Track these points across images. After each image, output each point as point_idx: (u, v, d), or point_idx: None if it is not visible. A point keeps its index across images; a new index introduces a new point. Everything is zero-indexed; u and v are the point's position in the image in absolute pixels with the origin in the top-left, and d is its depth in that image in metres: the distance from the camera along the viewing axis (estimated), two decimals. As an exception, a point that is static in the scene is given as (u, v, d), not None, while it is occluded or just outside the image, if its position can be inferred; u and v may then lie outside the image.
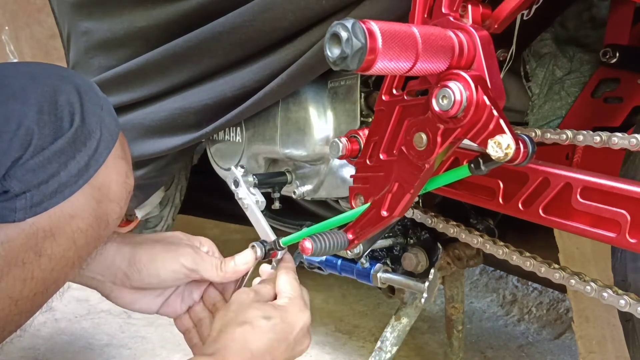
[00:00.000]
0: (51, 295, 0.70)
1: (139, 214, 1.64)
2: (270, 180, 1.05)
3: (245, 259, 0.85)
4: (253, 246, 0.87)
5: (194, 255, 0.83)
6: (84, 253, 0.69)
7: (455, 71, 0.60)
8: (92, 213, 0.67)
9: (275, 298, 0.80)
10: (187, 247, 0.84)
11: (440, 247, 0.98)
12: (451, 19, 0.63)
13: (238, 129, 1.14)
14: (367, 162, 0.79)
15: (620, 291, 0.71)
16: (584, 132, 0.72)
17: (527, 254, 0.80)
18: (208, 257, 0.85)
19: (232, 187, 1.06)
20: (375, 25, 0.53)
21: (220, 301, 0.89)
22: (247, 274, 0.87)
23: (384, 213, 0.72)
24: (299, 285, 0.83)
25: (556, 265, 0.77)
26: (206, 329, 0.87)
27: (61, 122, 0.63)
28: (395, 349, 1.03)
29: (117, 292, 0.84)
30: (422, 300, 0.96)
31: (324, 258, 1.08)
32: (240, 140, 1.13)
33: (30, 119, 0.60)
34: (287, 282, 0.82)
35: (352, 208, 0.79)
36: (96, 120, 0.66)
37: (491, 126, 0.59)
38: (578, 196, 0.68)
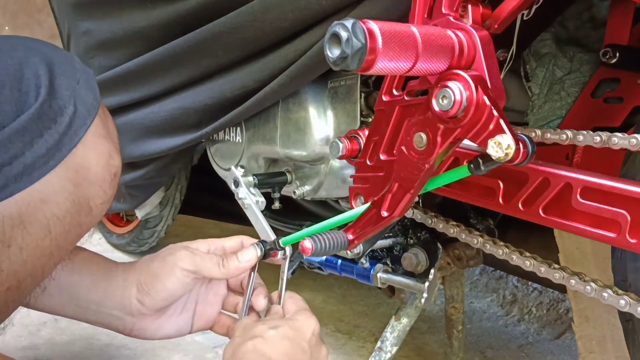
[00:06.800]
0: (29, 290, 0.64)
1: (139, 214, 1.64)
2: (270, 180, 1.05)
3: (247, 256, 0.82)
4: (256, 244, 0.86)
5: (192, 256, 0.81)
6: (63, 243, 0.63)
7: (455, 71, 0.60)
8: (69, 197, 0.61)
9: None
10: (182, 250, 0.82)
11: (440, 247, 0.98)
12: (451, 19, 0.64)
13: (238, 129, 1.14)
14: (367, 162, 0.79)
15: (620, 291, 0.71)
16: (584, 132, 0.72)
17: (527, 254, 0.80)
18: (207, 255, 0.82)
19: (232, 187, 1.06)
20: (375, 25, 0.53)
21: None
22: (253, 273, 0.85)
23: (384, 213, 0.72)
24: (304, 302, 0.81)
25: (556, 265, 0.77)
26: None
27: (26, 97, 0.57)
28: (395, 349, 1.03)
29: (138, 323, 0.82)
30: (422, 300, 0.96)
31: (324, 258, 1.08)
32: (240, 141, 1.13)
33: None
34: (292, 302, 0.80)
35: (352, 208, 0.79)
36: (69, 94, 0.60)
37: (491, 126, 0.59)
38: (578, 196, 0.68)
